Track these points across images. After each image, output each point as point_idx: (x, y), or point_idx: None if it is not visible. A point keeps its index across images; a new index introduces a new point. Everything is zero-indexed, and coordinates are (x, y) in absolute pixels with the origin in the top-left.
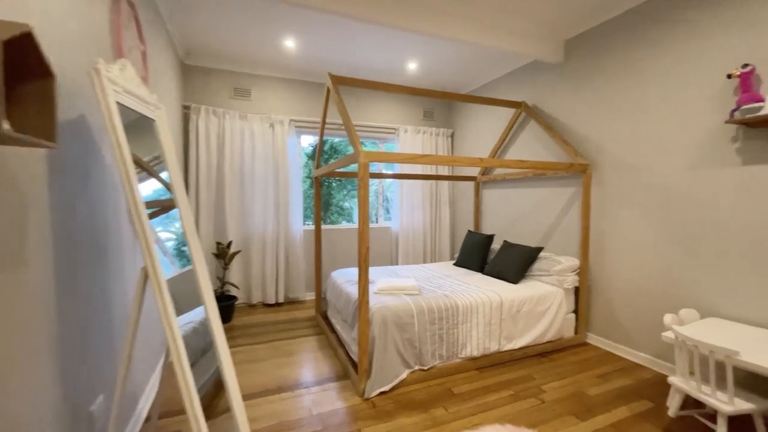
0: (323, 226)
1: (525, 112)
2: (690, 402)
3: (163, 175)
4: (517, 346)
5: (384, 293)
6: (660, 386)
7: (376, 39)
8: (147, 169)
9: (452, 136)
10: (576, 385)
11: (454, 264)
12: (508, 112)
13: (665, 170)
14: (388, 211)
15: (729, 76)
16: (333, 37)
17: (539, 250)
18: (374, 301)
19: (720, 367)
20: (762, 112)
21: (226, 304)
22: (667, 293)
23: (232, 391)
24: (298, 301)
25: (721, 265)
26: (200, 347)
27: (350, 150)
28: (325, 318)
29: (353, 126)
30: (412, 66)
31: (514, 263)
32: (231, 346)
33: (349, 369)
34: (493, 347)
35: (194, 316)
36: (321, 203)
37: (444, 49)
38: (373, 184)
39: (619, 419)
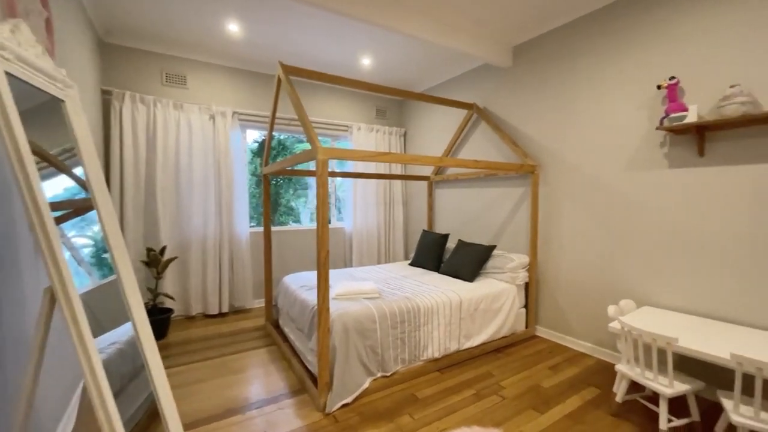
0: (272, 228)
1: (476, 113)
2: (634, 387)
3: (78, 170)
4: (475, 344)
5: (343, 298)
6: (604, 373)
7: (329, 29)
8: (54, 162)
9: (405, 135)
10: (532, 379)
11: (410, 264)
12: (460, 113)
13: (605, 172)
14: (339, 211)
15: (659, 87)
16: (282, 24)
17: (492, 248)
18: (333, 307)
19: (661, 353)
20: (686, 121)
21: (159, 318)
22: (606, 285)
23: (169, 421)
24: (245, 310)
25: (653, 259)
26: (127, 371)
27: (299, 147)
28: (277, 327)
29: (309, 122)
30: (365, 62)
31: (469, 262)
32: (167, 367)
33: (307, 382)
34: (453, 347)
35: (120, 335)
36: (270, 203)
37: (398, 46)
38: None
39: (573, 409)
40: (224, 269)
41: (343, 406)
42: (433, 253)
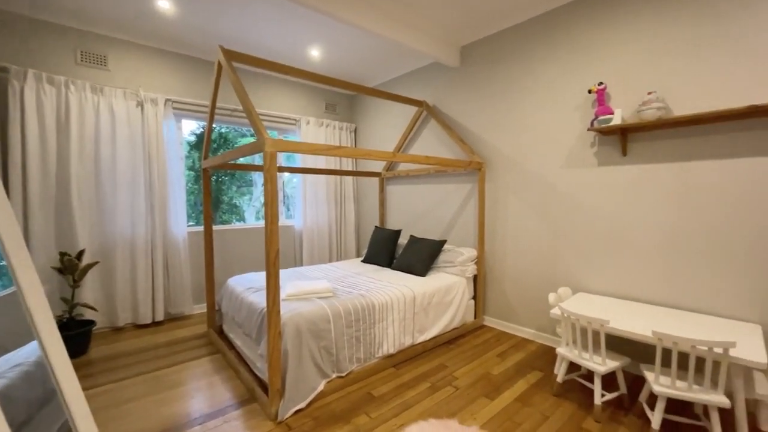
0: (214, 227)
1: (426, 111)
2: (572, 367)
3: None
4: (429, 337)
5: (294, 299)
6: (545, 356)
7: (274, 15)
8: None
9: (356, 131)
10: (482, 367)
11: (363, 261)
12: (410, 110)
13: (545, 169)
14: (288, 208)
15: (589, 92)
16: (220, 3)
17: (443, 243)
18: (284, 309)
19: (595, 334)
20: (612, 123)
21: (78, 332)
22: (546, 275)
23: None
24: (184, 317)
25: (586, 249)
26: (36, 397)
27: (243, 142)
28: (221, 334)
29: (255, 112)
30: (314, 53)
31: (421, 257)
32: (89, 387)
33: (257, 390)
34: (408, 342)
35: (26, 355)
36: (211, 200)
37: (347, 38)
38: None
39: (521, 392)
40: (158, 273)
41: (297, 412)
42: (386, 250)
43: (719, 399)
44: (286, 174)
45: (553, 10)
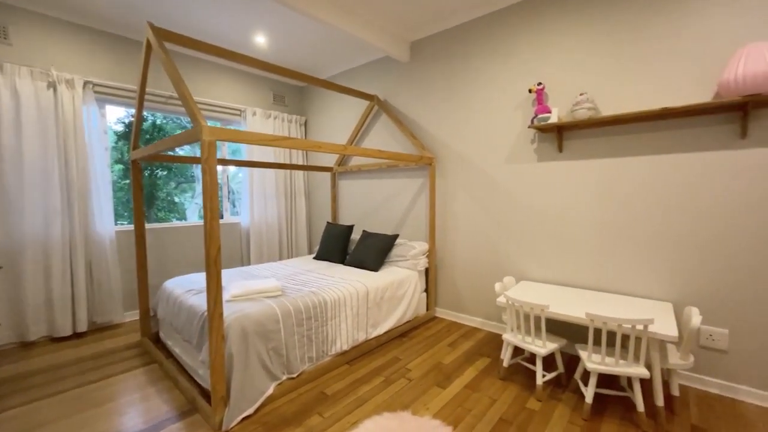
0: (147, 225)
1: (377, 105)
2: (516, 352)
3: None
4: (382, 332)
5: (240, 299)
6: (492, 343)
7: None
8: None
9: (306, 124)
10: (434, 357)
11: (314, 258)
12: (362, 104)
13: (490, 164)
14: (234, 204)
15: (530, 91)
16: None
17: (395, 237)
18: (229, 310)
19: (536, 319)
20: (549, 121)
21: None
22: (493, 265)
23: None
24: (113, 326)
25: (527, 240)
26: None
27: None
28: (158, 341)
29: (191, 97)
30: (260, 40)
31: (374, 252)
32: None
33: (198, 400)
34: (362, 337)
35: None
36: (143, 196)
37: (297, 27)
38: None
39: (470, 379)
40: (79, 279)
41: (244, 419)
42: (339, 245)
43: (641, 371)
44: (232, 168)
45: (494, 13)
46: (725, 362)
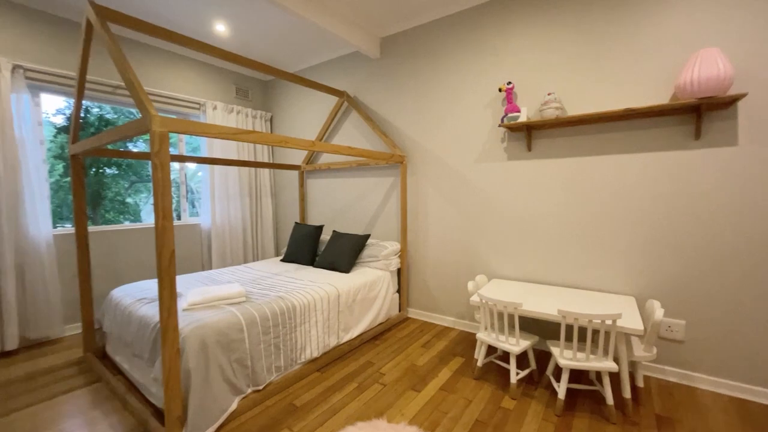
0: (92, 228)
1: (347, 102)
2: (489, 350)
3: None
4: (354, 335)
5: (199, 308)
6: (465, 342)
7: None
8: None
9: (271, 120)
10: (408, 360)
11: (282, 260)
12: (330, 101)
13: (461, 162)
14: (194, 205)
15: (500, 90)
16: None
17: (367, 237)
18: (186, 320)
19: (510, 317)
20: (519, 120)
21: None
22: (464, 264)
23: None
24: (50, 342)
25: (498, 238)
26: None
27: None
28: (104, 357)
29: (140, 84)
30: (220, 28)
31: (344, 253)
32: None
33: (151, 421)
34: (333, 342)
35: None
36: (86, 195)
37: (261, 16)
38: (174, 171)
39: (445, 380)
40: (7, 289)
41: None
42: (307, 247)
43: (611, 365)
44: (191, 166)
45: (464, 11)
46: (682, 352)
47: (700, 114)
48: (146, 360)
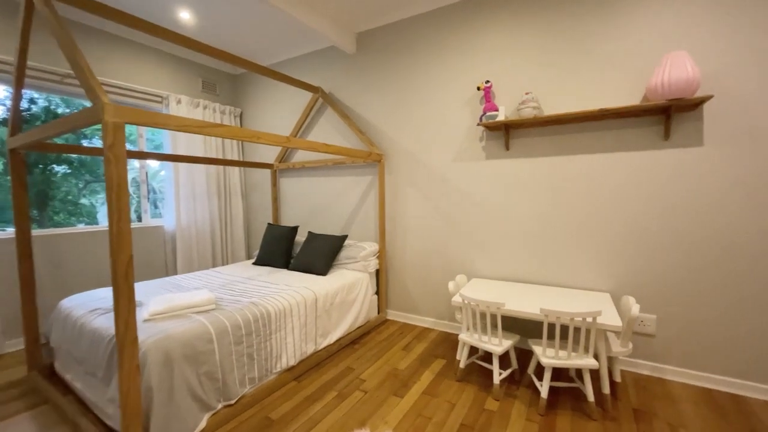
0: (38, 232)
1: (322, 98)
2: (471, 351)
3: None
4: (333, 340)
5: (163, 317)
6: (446, 342)
7: None
8: None
9: (241, 116)
10: (389, 364)
11: (254, 263)
12: (304, 97)
13: (440, 161)
14: (156, 205)
15: (478, 88)
16: None
17: (344, 238)
18: (147, 332)
19: (493, 317)
20: (497, 119)
21: None
22: (444, 264)
23: None
24: None
25: (477, 237)
26: None
27: None
28: (53, 376)
29: (90, 69)
30: (184, 16)
31: (321, 254)
32: None
33: None
34: (310, 349)
35: None
36: (27, 194)
37: (229, 2)
38: (134, 169)
39: (428, 384)
40: None
41: None
42: (282, 249)
43: (591, 362)
44: (154, 164)
45: (441, 8)
46: (654, 345)
47: (669, 115)
48: (101, 378)
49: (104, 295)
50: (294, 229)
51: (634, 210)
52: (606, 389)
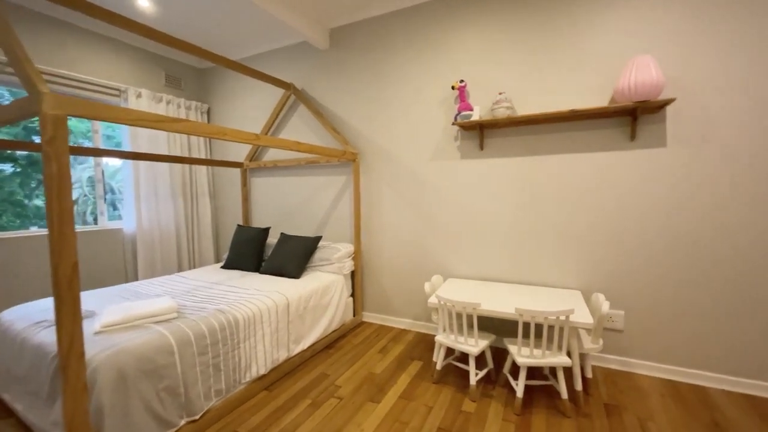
0: None
1: (294, 94)
2: (447, 352)
3: None
4: (306, 346)
5: (117, 329)
6: (422, 344)
7: None
8: None
9: (208, 112)
10: (365, 368)
11: (223, 267)
12: (276, 93)
13: (415, 161)
14: (115, 207)
15: (453, 87)
16: None
17: (318, 239)
18: (99, 347)
19: (469, 318)
20: (472, 119)
21: None
22: (420, 264)
23: None
24: None
25: (452, 237)
26: None
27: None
28: None
29: (25, 52)
30: (143, 3)
31: (294, 257)
32: None
33: None
34: (282, 356)
35: None
36: None
37: None
38: (89, 168)
39: (404, 388)
40: None
41: None
42: (252, 251)
43: (565, 360)
44: (114, 162)
45: (415, 6)
46: (622, 340)
47: (635, 117)
48: (44, 399)
49: (51, 306)
50: (265, 231)
51: (602, 209)
52: (579, 386)
